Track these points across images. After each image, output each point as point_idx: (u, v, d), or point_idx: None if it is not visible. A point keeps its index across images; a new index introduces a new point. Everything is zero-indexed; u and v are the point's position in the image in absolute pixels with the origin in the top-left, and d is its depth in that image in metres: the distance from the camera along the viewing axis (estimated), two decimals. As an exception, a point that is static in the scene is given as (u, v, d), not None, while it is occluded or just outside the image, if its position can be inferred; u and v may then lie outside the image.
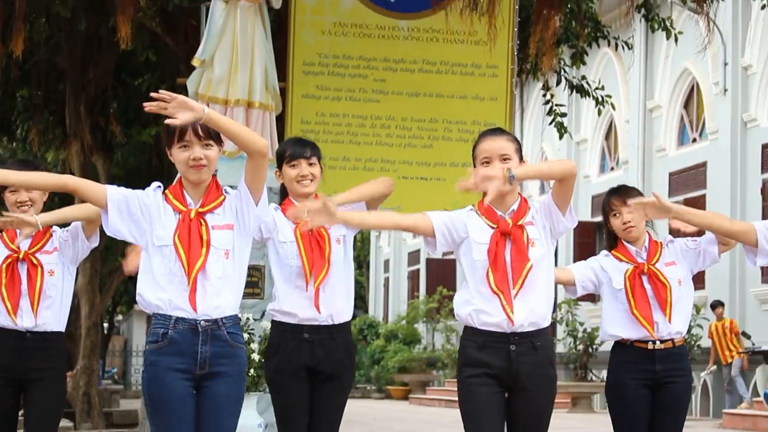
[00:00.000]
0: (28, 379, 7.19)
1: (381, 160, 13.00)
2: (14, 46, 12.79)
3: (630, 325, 7.21)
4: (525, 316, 6.13)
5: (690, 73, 30.82)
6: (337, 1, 12.95)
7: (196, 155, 5.89)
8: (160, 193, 6.00)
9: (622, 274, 7.23)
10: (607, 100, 18.43)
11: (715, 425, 23.90)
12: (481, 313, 6.17)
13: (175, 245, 5.86)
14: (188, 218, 5.91)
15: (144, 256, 5.97)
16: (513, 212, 6.25)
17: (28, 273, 7.13)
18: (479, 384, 6.15)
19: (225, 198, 6.04)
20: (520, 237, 6.19)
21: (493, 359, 6.14)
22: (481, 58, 13.04)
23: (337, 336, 6.98)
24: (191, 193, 5.98)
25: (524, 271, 6.15)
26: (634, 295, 7.19)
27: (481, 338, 6.16)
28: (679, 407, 7.34)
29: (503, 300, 6.10)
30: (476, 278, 6.19)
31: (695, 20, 15.59)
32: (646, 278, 7.22)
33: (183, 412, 5.87)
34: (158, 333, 5.87)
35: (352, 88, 13.05)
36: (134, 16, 11.85)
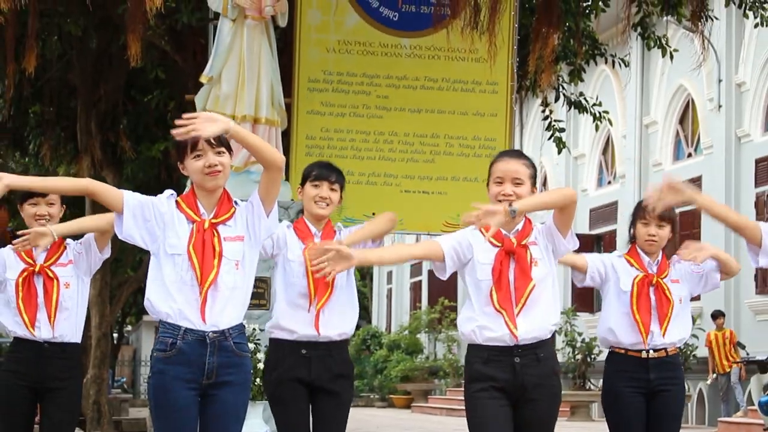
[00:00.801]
0: (45, 388, 7.21)
1: (384, 175, 13.01)
2: (27, 64, 12.82)
3: (627, 329, 7.23)
4: (527, 330, 6.14)
5: (685, 90, 30.84)
6: (341, 19, 12.97)
7: (211, 162, 5.90)
8: (173, 201, 6.00)
9: (631, 279, 7.25)
10: (605, 116, 18.45)
11: (710, 433, 23.91)
12: (484, 329, 6.17)
13: (189, 255, 5.86)
14: (202, 228, 5.91)
15: (153, 263, 5.95)
16: (518, 232, 6.25)
17: (44, 286, 7.14)
18: (487, 397, 6.15)
19: (236, 210, 6.05)
20: (524, 256, 6.19)
21: (498, 372, 6.14)
22: (482, 75, 13.05)
23: (335, 352, 6.98)
24: (204, 203, 5.99)
25: (527, 290, 6.16)
26: (639, 301, 7.21)
27: (486, 353, 6.17)
28: (674, 414, 7.34)
29: (506, 317, 6.11)
30: (480, 297, 6.19)
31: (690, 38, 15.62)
32: (652, 289, 7.24)
33: (188, 421, 5.88)
34: (167, 342, 5.86)
35: (355, 104, 13.07)
36: (144, 34, 11.86)
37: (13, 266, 7.16)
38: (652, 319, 7.20)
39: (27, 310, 7.09)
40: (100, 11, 14.08)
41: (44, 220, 7.17)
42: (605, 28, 19.62)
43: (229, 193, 6.08)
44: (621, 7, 14.96)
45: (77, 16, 14.86)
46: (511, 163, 6.24)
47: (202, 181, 5.94)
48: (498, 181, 6.22)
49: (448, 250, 6.26)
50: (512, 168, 6.22)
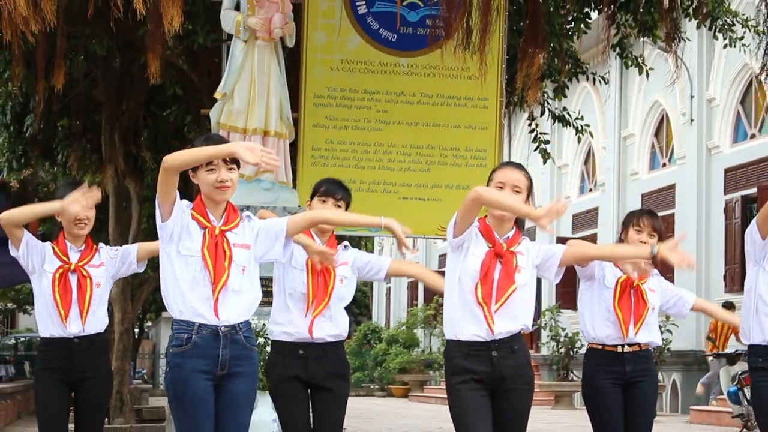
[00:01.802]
0: (77, 380, 7.22)
1: (383, 183, 13.01)
2: (56, 81, 12.82)
3: (607, 322, 7.24)
4: (503, 326, 6.15)
5: (660, 105, 30.86)
6: (344, 40, 12.97)
7: (222, 177, 5.91)
8: (189, 209, 6.01)
9: (615, 278, 7.27)
10: (586, 129, 18.44)
11: (684, 421, 23.87)
12: (464, 322, 6.17)
13: (203, 256, 5.87)
14: (213, 234, 5.93)
15: (165, 263, 5.96)
16: (508, 239, 6.27)
17: (78, 283, 7.17)
18: (467, 389, 6.16)
19: (241, 220, 6.07)
20: (510, 261, 6.21)
21: (478, 366, 6.15)
22: (473, 92, 13.04)
23: (330, 352, 6.97)
24: (212, 212, 6.01)
25: (508, 291, 6.17)
26: (621, 299, 7.23)
27: (465, 348, 6.17)
28: (648, 403, 7.36)
29: (486, 311, 6.11)
30: (465, 287, 6.19)
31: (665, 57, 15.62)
32: (633, 291, 7.25)
33: (206, 410, 5.88)
34: (182, 337, 5.86)
35: (357, 118, 13.07)
36: (163, 54, 11.86)
37: (51, 261, 7.18)
38: (631, 318, 7.22)
39: (63, 304, 7.12)
40: (123, 33, 14.08)
41: (83, 224, 7.23)
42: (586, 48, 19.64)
43: (233, 204, 6.10)
44: (601, 29, 14.97)
45: (102, 37, 14.87)
46: (514, 173, 6.29)
47: (212, 193, 5.95)
48: (499, 186, 6.24)
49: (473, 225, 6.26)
50: (514, 177, 6.26)
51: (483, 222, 6.32)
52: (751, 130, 27.52)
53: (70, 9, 12.12)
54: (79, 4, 12.05)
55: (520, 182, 6.26)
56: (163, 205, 5.88)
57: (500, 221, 6.26)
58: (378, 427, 21.89)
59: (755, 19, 13.76)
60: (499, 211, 6.22)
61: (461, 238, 6.19)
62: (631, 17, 15.51)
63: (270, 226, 6.12)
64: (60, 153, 20.29)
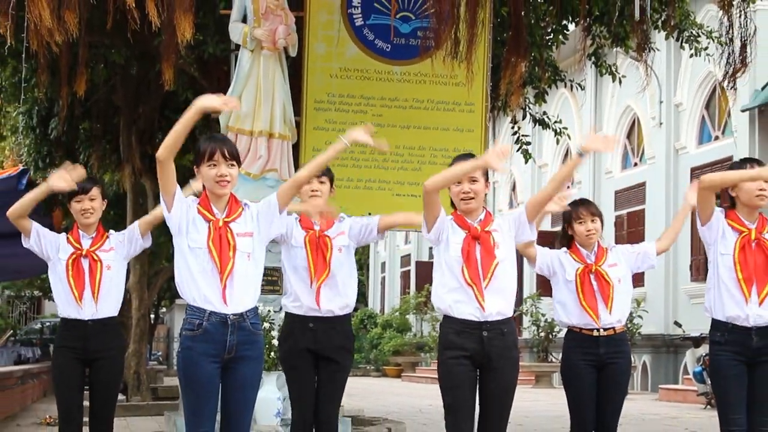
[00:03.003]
0: (92, 359, 7.23)
1: (378, 181, 13.00)
2: (78, 87, 12.81)
3: (578, 312, 7.22)
4: (493, 304, 6.14)
5: (632, 110, 30.88)
6: (342, 50, 12.95)
7: (222, 172, 5.95)
8: (195, 204, 6.02)
9: (574, 270, 7.24)
10: (564, 132, 18.44)
11: (653, 399, 23.90)
12: (459, 303, 6.18)
13: (209, 248, 5.89)
14: (217, 226, 5.94)
15: (178, 255, 5.99)
16: (480, 221, 6.28)
17: (90, 267, 7.20)
18: (456, 364, 6.16)
19: (243, 210, 6.08)
20: (488, 240, 6.22)
21: (468, 343, 6.15)
22: (461, 97, 13.03)
23: (338, 325, 7.00)
24: (216, 206, 6.03)
25: (492, 267, 6.18)
26: (583, 289, 7.20)
27: (459, 326, 6.17)
28: (621, 382, 7.35)
29: (476, 291, 6.11)
30: (453, 272, 6.20)
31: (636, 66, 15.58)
32: (593, 276, 7.22)
33: (212, 390, 5.90)
34: (194, 323, 5.89)
35: (354, 121, 13.02)
36: (176, 62, 11.84)
37: (64, 249, 7.23)
38: (599, 302, 7.18)
39: (76, 286, 7.16)
40: (140, 44, 14.07)
41: (89, 213, 7.27)
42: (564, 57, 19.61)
43: (236, 196, 6.11)
44: (577, 40, 14.98)
45: (120, 47, 14.85)
46: (467, 163, 6.27)
47: (213, 187, 5.98)
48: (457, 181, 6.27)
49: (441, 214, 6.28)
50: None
51: (455, 214, 6.36)
52: (715, 133, 27.54)
53: (90, 21, 12.11)
54: (99, 17, 12.04)
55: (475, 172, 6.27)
56: (166, 197, 5.95)
57: (467, 210, 6.28)
58: (373, 404, 21.89)
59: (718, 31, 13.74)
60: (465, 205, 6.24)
61: (434, 232, 6.24)
62: (605, 29, 15.52)
63: (265, 204, 6.15)
64: (82, 153, 20.28)
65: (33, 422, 17.09)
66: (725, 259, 6.50)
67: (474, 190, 6.24)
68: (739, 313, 6.42)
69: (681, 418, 17.89)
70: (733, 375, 6.45)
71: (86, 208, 7.28)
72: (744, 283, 6.40)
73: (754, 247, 6.44)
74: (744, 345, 6.43)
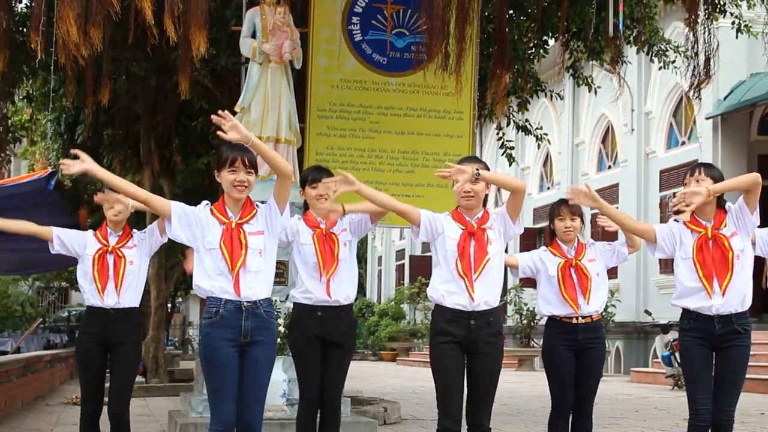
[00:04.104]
0: (112, 344, 7.24)
1: (375, 182, 12.97)
2: (102, 97, 12.82)
3: (559, 304, 7.23)
4: (481, 295, 6.16)
5: (606, 117, 30.91)
6: (342, 63, 12.95)
7: (240, 178, 5.96)
8: (208, 209, 6.05)
9: (555, 266, 7.25)
10: (544, 137, 18.47)
11: (625, 380, 23.92)
12: (451, 294, 6.19)
13: (221, 249, 5.91)
14: (230, 228, 5.96)
15: (197, 256, 6.00)
16: (478, 219, 6.29)
17: (114, 262, 7.20)
18: (447, 348, 6.17)
19: (257, 211, 6.09)
20: (482, 237, 6.22)
21: (457, 330, 6.16)
22: (451, 106, 13.04)
23: (342, 314, 7.03)
24: (232, 208, 6.04)
25: (483, 262, 6.19)
26: (564, 282, 7.20)
27: (449, 314, 6.19)
28: (597, 366, 7.35)
29: (467, 282, 6.13)
30: (448, 265, 6.22)
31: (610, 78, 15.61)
32: (573, 270, 7.23)
33: (231, 371, 5.92)
34: (212, 311, 5.92)
35: (354, 128, 13.05)
36: (191, 74, 11.85)
37: (91, 245, 7.25)
38: (578, 294, 7.20)
39: (100, 279, 7.18)
40: (158, 57, 14.07)
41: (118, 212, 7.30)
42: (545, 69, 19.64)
43: (251, 199, 6.12)
44: (557, 54, 15.01)
45: (141, 60, 14.86)
46: (472, 165, 6.26)
47: (231, 191, 5.99)
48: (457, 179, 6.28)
49: (424, 219, 6.33)
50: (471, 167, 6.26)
51: (455, 211, 6.36)
52: (682, 138, 27.57)
53: (114, 36, 12.11)
54: (121, 33, 12.04)
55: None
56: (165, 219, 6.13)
57: (468, 208, 6.30)
58: (371, 386, 21.90)
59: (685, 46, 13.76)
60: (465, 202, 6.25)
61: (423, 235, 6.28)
62: (582, 44, 15.53)
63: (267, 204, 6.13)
64: (105, 157, 20.28)
65: (60, 402, 17.10)
66: (686, 263, 6.53)
67: (474, 189, 6.26)
68: (704, 305, 6.44)
69: (651, 398, 17.91)
70: (699, 359, 6.47)
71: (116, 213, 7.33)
72: (705, 280, 6.43)
73: (711, 245, 6.45)
74: (708, 332, 6.45)
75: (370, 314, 44.99)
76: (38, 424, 13.28)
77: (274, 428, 10.16)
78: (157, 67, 15.40)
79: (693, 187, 6.40)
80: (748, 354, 6.57)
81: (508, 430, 11.86)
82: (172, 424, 11.31)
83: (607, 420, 13.00)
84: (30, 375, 17.19)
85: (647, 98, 28.53)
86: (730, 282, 6.41)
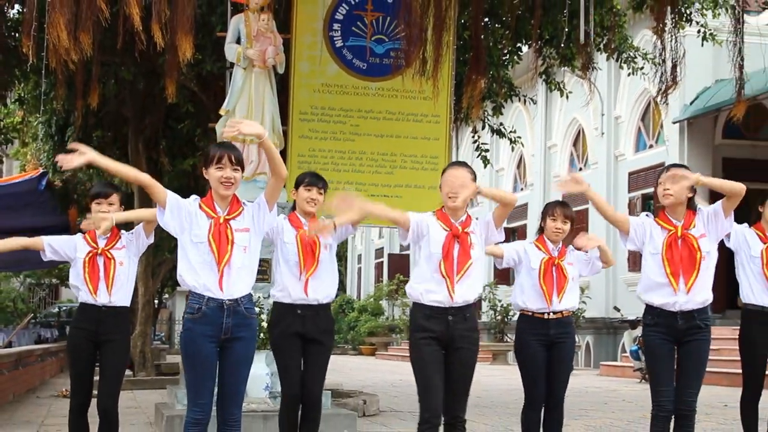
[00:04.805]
0: (102, 341, 7.21)
1: (355, 183, 12.99)
2: (91, 100, 12.76)
3: (534, 296, 7.26)
4: (461, 295, 6.17)
5: (577, 121, 31.00)
6: (324, 68, 12.94)
7: (227, 175, 5.96)
8: (197, 203, 6.03)
9: (539, 260, 7.28)
10: (518, 140, 18.51)
11: (595, 374, 23.99)
12: (429, 293, 6.20)
13: (209, 242, 5.90)
14: (218, 223, 5.95)
15: (181, 248, 5.98)
16: (462, 222, 6.29)
17: (104, 264, 7.16)
18: (426, 344, 6.17)
19: (243, 208, 6.08)
20: (466, 240, 6.23)
21: (436, 326, 6.16)
22: (428, 110, 13.05)
23: (321, 312, 7.03)
24: (219, 204, 6.02)
25: (466, 265, 6.20)
26: (544, 276, 7.25)
27: (428, 311, 6.19)
28: (567, 360, 7.39)
29: (449, 283, 6.14)
30: (431, 265, 6.21)
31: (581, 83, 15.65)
32: (554, 268, 7.27)
33: (210, 366, 5.91)
34: (194, 307, 5.90)
35: (334, 131, 13.04)
36: (178, 79, 11.81)
37: (81, 248, 7.20)
38: (554, 291, 7.24)
39: (91, 281, 7.13)
40: (146, 62, 14.04)
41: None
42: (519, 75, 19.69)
43: (237, 196, 6.11)
44: (530, 60, 15.03)
45: (129, 65, 14.81)
46: (460, 170, 6.30)
47: (218, 188, 5.98)
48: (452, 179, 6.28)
49: (413, 224, 6.32)
50: (460, 174, 6.26)
51: (440, 212, 6.36)
52: (650, 141, 27.67)
53: (103, 42, 12.07)
54: (110, 38, 12.00)
55: (466, 178, 6.29)
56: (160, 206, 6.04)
57: (454, 210, 6.30)
58: (351, 379, 21.90)
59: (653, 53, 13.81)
60: (452, 203, 6.26)
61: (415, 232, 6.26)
62: (555, 51, 15.57)
63: (256, 203, 6.12)
64: (95, 158, 20.20)
65: (51, 395, 17.03)
66: (655, 258, 6.57)
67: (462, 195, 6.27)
68: (668, 300, 6.48)
69: (619, 391, 17.96)
70: (662, 353, 6.50)
71: (105, 211, 7.25)
72: (672, 277, 6.47)
73: (680, 243, 6.50)
74: (671, 327, 6.49)
75: (350, 310, 44.99)
76: (29, 416, 13.24)
77: (257, 420, 10.16)
78: (145, 71, 15.36)
79: (684, 171, 6.46)
80: (708, 348, 6.63)
81: (482, 421, 11.87)
82: (158, 416, 11.29)
83: (577, 412, 13.04)
84: (21, 369, 17.13)
85: (617, 103, 28.62)
86: (695, 281, 6.46)
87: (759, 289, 7.55)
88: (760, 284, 7.54)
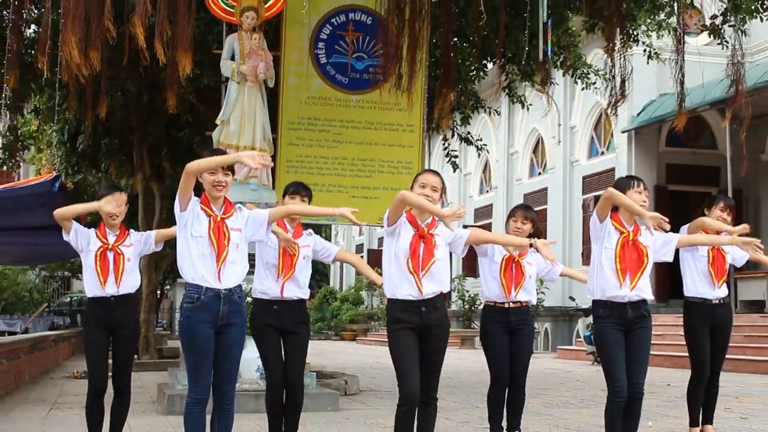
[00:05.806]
0: (114, 328, 7.20)
1: (338, 186, 12.99)
2: (100, 111, 12.72)
3: (495, 288, 7.31)
4: (428, 288, 6.16)
5: (537, 130, 31.07)
6: (310, 83, 12.93)
7: (219, 179, 5.92)
8: (197, 202, 5.99)
9: (501, 256, 7.30)
10: (484, 147, 18.53)
11: (553, 357, 24.04)
12: (402, 288, 6.19)
13: (209, 238, 5.88)
14: (216, 221, 5.93)
15: (181, 242, 5.94)
16: (427, 224, 6.27)
17: (114, 258, 7.15)
18: (403, 334, 6.16)
19: (235, 210, 6.07)
20: (430, 240, 6.22)
21: (411, 317, 6.15)
22: (403, 120, 13.06)
23: (296, 307, 7.02)
24: (214, 205, 6.01)
25: (430, 263, 6.18)
26: (505, 273, 7.28)
27: (403, 305, 6.18)
28: (527, 344, 7.41)
29: (416, 278, 6.14)
30: (399, 261, 6.20)
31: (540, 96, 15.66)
32: (514, 265, 7.30)
33: (208, 350, 5.88)
34: (193, 297, 5.88)
35: (319, 139, 13.03)
36: (178, 92, 11.77)
37: (94, 242, 7.19)
38: (512, 284, 7.28)
39: (102, 273, 7.12)
40: (150, 76, 14.00)
41: (114, 218, 7.24)
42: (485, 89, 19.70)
43: (229, 199, 6.09)
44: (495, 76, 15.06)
45: (134, 79, 14.77)
46: (433, 177, 6.29)
47: (210, 190, 5.96)
48: (422, 185, 6.26)
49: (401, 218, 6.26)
50: (433, 180, 6.26)
51: (409, 213, 6.35)
52: (601, 149, 27.77)
53: (110, 58, 12.03)
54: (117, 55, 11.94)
55: (437, 184, 6.28)
56: (182, 199, 5.87)
57: (421, 213, 6.29)
58: (333, 362, 21.88)
59: (604, 70, 13.84)
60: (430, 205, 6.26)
61: (394, 226, 6.23)
62: (516, 68, 15.61)
63: (256, 215, 6.13)
64: (103, 163, 20.18)
65: (63, 376, 16.95)
66: (608, 251, 6.58)
67: (432, 197, 6.27)
68: (617, 294, 6.51)
69: (574, 372, 18.01)
70: (614, 341, 6.50)
71: (113, 214, 7.26)
72: (620, 273, 6.50)
73: (630, 246, 6.55)
74: (621, 317, 6.51)
75: (333, 300, 44.95)
76: (44, 395, 13.18)
77: (249, 398, 10.14)
78: (149, 85, 15.31)
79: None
80: (651, 334, 6.68)
81: (452, 399, 11.89)
82: (160, 394, 11.26)
83: (537, 391, 13.07)
84: (37, 352, 17.05)
85: (572, 114, 28.72)
86: (639, 279, 6.53)
87: (701, 282, 7.66)
88: (703, 278, 7.65)
